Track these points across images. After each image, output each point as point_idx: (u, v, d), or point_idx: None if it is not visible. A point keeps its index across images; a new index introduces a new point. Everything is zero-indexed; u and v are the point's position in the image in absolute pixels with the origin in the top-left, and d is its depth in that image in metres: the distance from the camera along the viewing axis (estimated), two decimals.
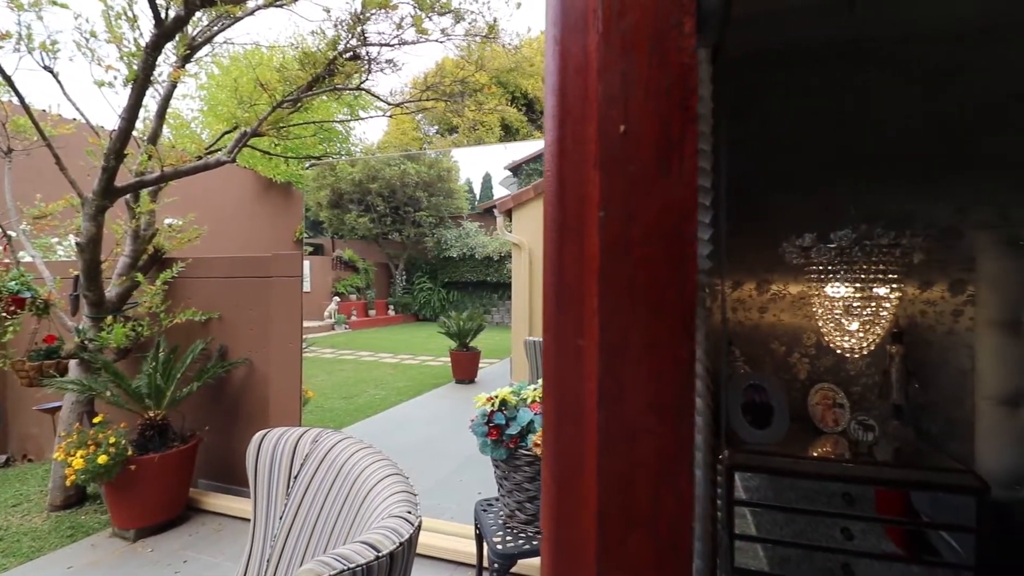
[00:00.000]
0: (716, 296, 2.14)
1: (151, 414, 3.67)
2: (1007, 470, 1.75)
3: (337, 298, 14.54)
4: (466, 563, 2.97)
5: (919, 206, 1.93)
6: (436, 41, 4.24)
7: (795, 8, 1.97)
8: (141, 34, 3.51)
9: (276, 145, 5.23)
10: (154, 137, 4.03)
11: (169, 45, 3.63)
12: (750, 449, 1.70)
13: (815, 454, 1.70)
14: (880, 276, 1.60)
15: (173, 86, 4.09)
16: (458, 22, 4.16)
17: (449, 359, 8.82)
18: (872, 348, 1.68)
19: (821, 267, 1.66)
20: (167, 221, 4.66)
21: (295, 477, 1.36)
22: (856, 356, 1.72)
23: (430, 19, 4.01)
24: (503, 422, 2.45)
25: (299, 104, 3.94)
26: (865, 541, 1.60)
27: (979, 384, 1.81)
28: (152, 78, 3.61)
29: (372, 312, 15.90)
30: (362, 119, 9.19)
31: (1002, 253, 1.77)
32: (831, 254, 1.62)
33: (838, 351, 1.72)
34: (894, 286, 1.62)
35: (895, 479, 1.57)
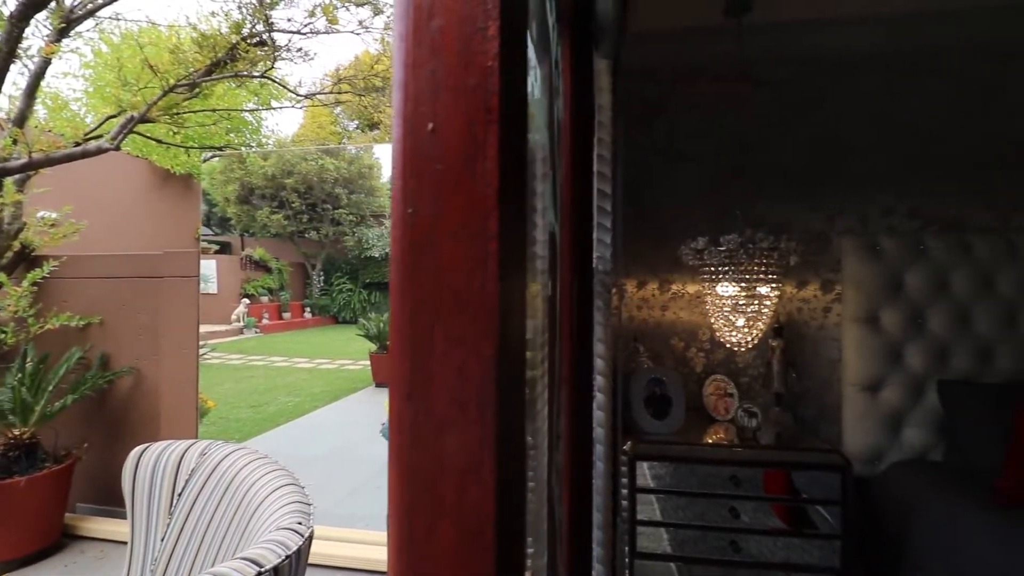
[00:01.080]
0: (622, 295, 2.25)
1: (16, 432, 3.22)
2: (869, 448, 2.00)
3: (247, 300, 13.59)
4: (379, 571, 2.89)
5: (796, 215, 2.15)
6: (352, 33, 4.10)
7: (692, 30, 2.12)
8: (4, 2, 3.08)
9: (175, 134, 4.79)
10: (21, 119, 3.54)
11: (41, 16, 3.21)
12: (651, 439, 1.80)
13: (709, 441, 1.83)
14: (762, 276, 1.76)
15: (46, 62, 3.62)
16: (376, 15, 4.05)
17: (369, 362, 8.55)
18: (756, 342, 1.85)
19: (713, 268, 1.80)
20: (40, 214, 4.12)
21: (179, 494, 1.25)
22: (743, 350, 1.88)
23: (346, 9, 3.87)
24: None
25: (197, 90, 3.64)
26: (755, 519, 1.76)
27: (845, 372, 2.05)
28: (19, 52, 3.17)
29: (287, 315, 15.04)
30: (274, 109, 8.67)
31: (862, 257, 2.02)
32: (721, 256, 1.76)
33: (728, 345, 1.87)
34: (774, 286, 1.78)
35: (775, 461, 1.74)
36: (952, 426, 1.84)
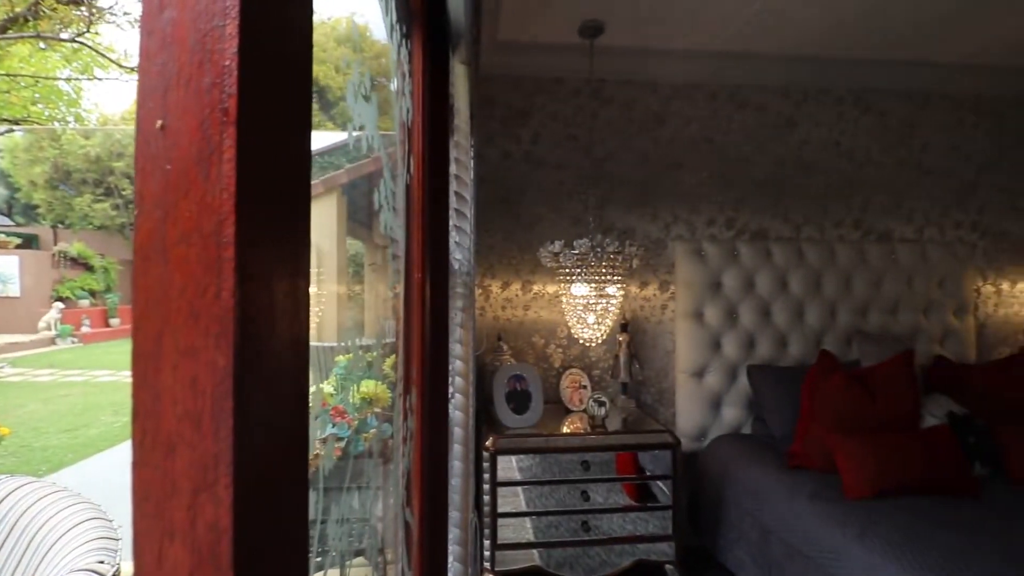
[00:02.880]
0: (487, 296, 2.30)
1: None
2: (696, 426, 2.29)
3: (61, 304, 11.33)
4: None
5: (639, 222, 2.39)
6: None
7: (553, 46, 2.25)
8: None
9: None
10: None
11: None
12: (512, 434, 1.88)
13: (565, 431, 1.96)
14: (610, 278, 1.93)
15: None
16: None
17: None
18: (605, 337, 2.02)
19: (568, 270, 1.93)
20: None
21: None
22: (595, 344, 2.04)
23: None
24: None
25: None
26: (609, 499, 1.92)
27: (677, 361, 2.33)
28: None
29: (115, 321, 12.82)
30: (97, 80, 7.40)
31: (691, 261, 2.31)
32: (575, 259, 1.89)
33: (581, 341, 2.01)
34: (620, 286, 1.97)
35: (619, 444, 1.91)
36: (758, 403, 2.19)
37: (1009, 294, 2.63)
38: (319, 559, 0.57)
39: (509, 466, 1.87)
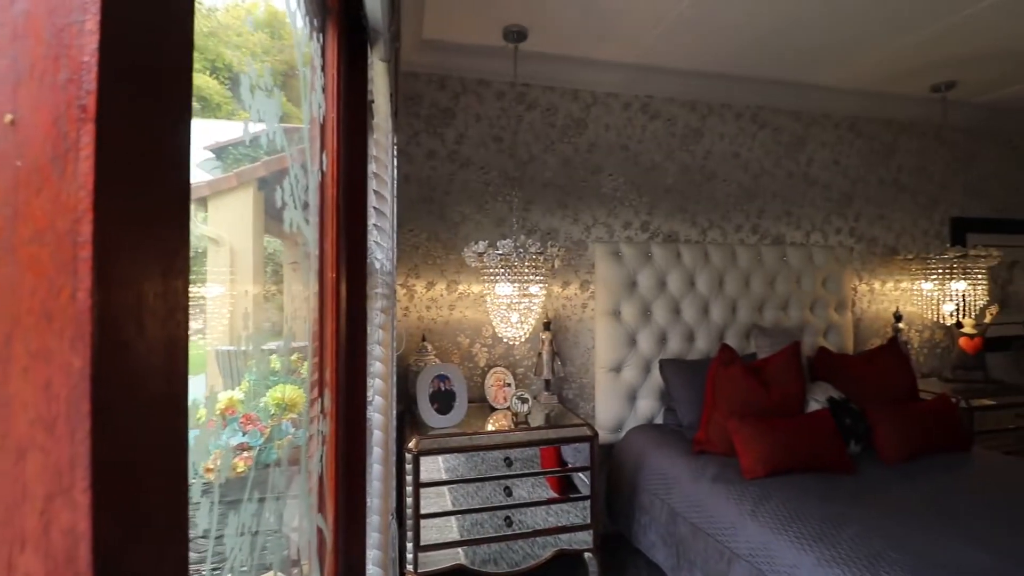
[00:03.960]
0: (412, 296, 2.28)
1: None
2: (614, 419, 2.41)
3: None
4: None
5: (561, 224, 2.47)
6: None
7: (478, 48, 2.27)
8: None
9: None
10: None
11: None
12: (435, 434, 1.87)
13: (489, 429, 1.98)
14: (533, 277, 1.98)
15: None
16: None
17: None
18: (529, 336, 2.07)
19: (492, 270, 1.95)
20: None
21: None
22: (519, 343, 2.08)
23: None
24: None
25: None
26: (534, 494, 1.96)
27: (597, 357, 2.44)
28: None
29: None
30: None
31: (609, 261, 2.42)
32: (498, 259, 1.92)
33: (505, 340, 2.05)
34: (542, 286, 2.02)
35: (541, 439, 1.97)
36: (669, 395, 2.34)
37: (880, 292, 2.99)
38: (216, 572, 0.55)
39: (436, 467, 1.86)
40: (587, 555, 1.99)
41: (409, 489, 1.80)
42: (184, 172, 0.29)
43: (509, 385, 2.22)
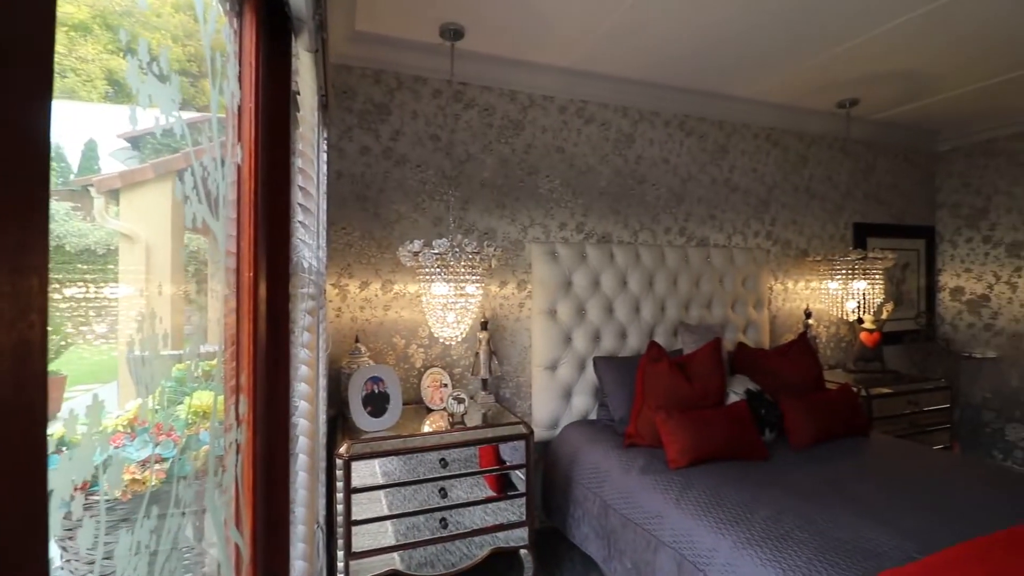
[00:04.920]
0: (344, 296, 2.21)
1: None
2: (550, 416, 2.45)
3: None
4: None
5: (498, 224, 2.49)
6: None
7: (415, 44, 2.23)
8: None
9: None
10: None
11: None
12: (368, 438, 1.83)
13: (425, 430, 1.96)
14: (469, 277, 1.97)
15: None
16: None
17: None
18: (465, 335, 2.06)
19: (428, 269, 1.93)
20: None
21: None
22: (455, 343, 2.07)
23: None
24: None
25: None
26: (472, 494, 1.96)
27: (533, 356, 2.47)
28: None
29: None
30: None
31: (546, 261, 2.46)
32: (434, 259, 1.90)
33: (442, 340, 2.03)
34: (479, 285, 2.02)
35: (477, 439, 1.97)
36: (602, 391, 2.41)
37: (793, 291, 3.23)
38: None
39: (372, 471, 1.81)
40: (523, 552, 2.01)
41: (340, 496, 1.75)
42: (43, 162, 0.26)
43: (446, 386, 2.20)
